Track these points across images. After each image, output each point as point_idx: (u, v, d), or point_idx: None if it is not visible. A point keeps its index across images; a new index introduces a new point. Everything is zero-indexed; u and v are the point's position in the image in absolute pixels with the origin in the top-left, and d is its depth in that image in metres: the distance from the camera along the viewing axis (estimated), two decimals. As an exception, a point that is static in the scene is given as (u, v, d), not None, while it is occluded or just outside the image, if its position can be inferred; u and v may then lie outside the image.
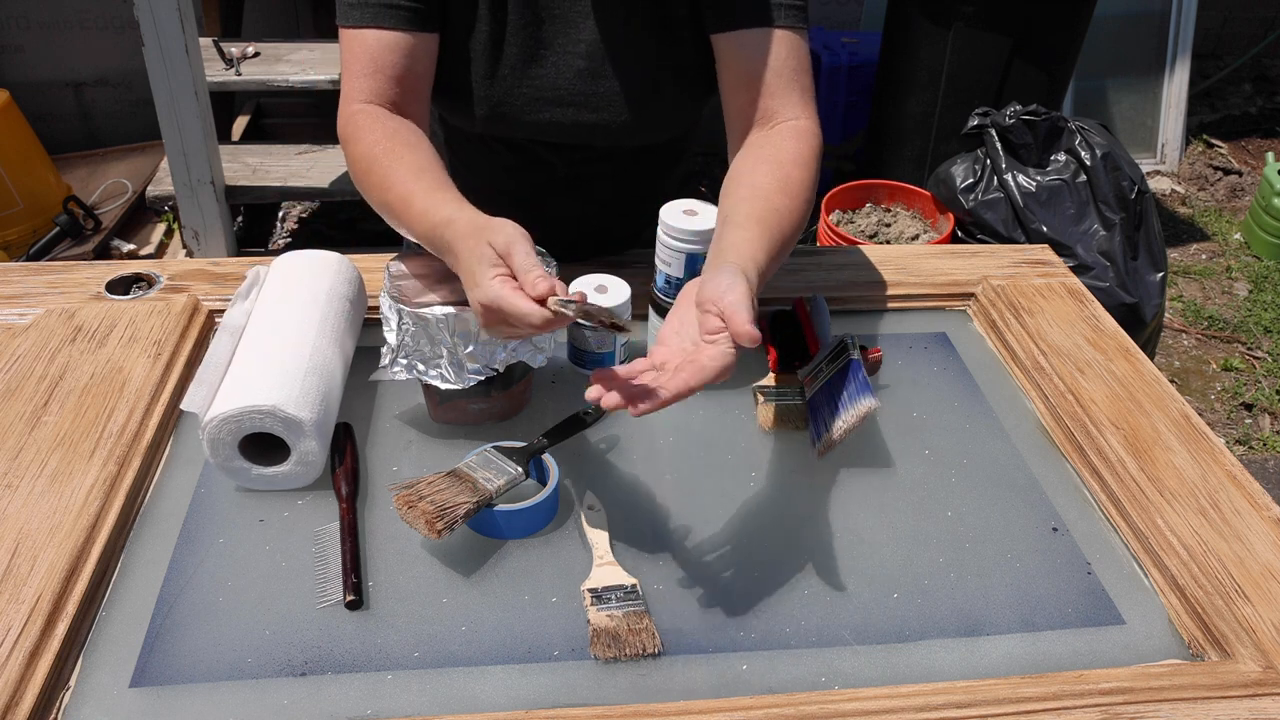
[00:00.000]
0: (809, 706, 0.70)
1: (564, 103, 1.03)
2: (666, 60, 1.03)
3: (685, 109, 1.09)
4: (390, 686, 0.72)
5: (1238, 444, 2.40)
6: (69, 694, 0.71)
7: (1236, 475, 0.90)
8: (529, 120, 1.04)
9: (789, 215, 0.89)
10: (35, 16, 3.03)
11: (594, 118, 1.04)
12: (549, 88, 1.03)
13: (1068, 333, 1.09)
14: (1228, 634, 0.76)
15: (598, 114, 1.04)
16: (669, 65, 1.03)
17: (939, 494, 0.91)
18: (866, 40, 3.14)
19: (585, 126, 1.05)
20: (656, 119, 1.07)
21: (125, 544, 0.82)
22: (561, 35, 1.01)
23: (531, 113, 1.04)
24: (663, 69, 1.03)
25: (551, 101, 1.03)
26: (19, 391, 0.94)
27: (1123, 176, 2.16)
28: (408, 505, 0.79)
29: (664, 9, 1.00)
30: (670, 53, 1.02)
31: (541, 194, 1.14)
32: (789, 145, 0.95)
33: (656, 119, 1.07)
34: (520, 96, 1.03)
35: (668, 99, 1.06)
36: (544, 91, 1.03)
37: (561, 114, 1.04)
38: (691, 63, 1.04)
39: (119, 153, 3.07)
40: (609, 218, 1.18)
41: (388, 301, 0.88)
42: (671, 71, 1.04)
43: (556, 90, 1.03)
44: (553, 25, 1.00)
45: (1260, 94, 3.97)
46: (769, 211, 0.87)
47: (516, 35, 1.00)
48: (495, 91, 1.03)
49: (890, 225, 2.50)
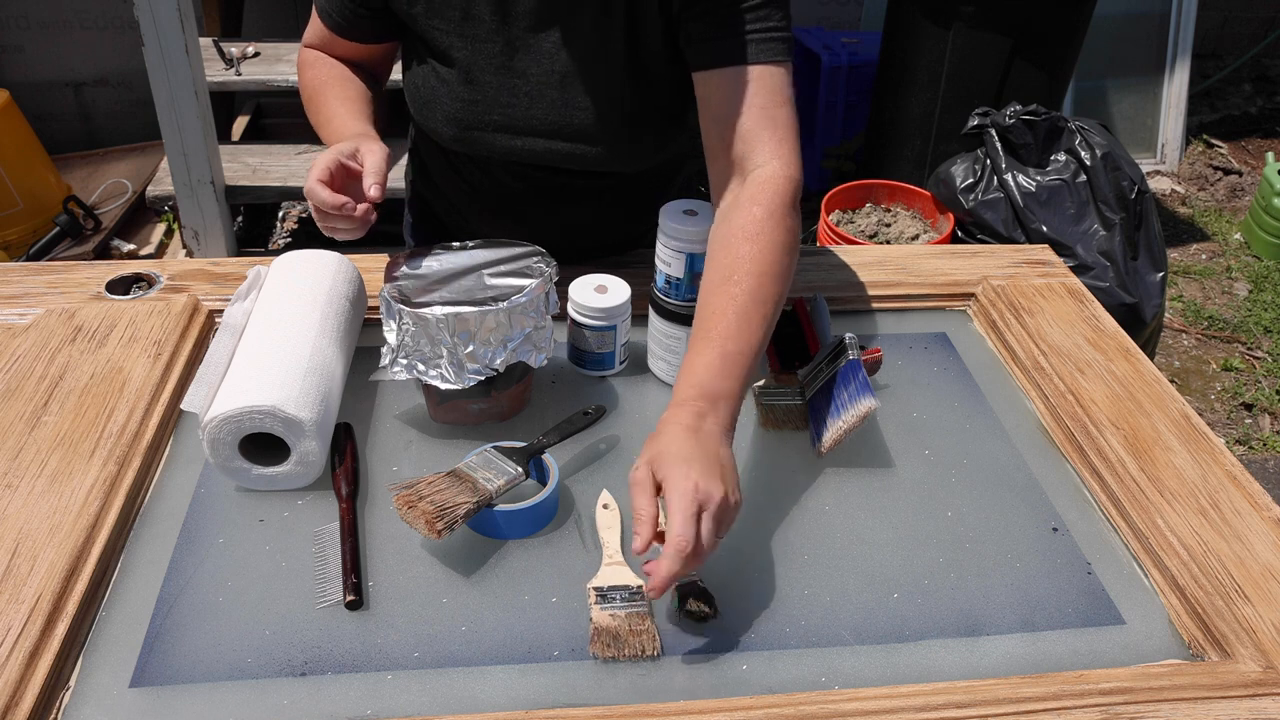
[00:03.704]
0: (809, 706, 0.70)
1: (536, 132, 1.03)
2: (641, 93, 1.01)
3: (662, 140, 1.07)
4: (390, 686, 0.72)
5: (1238, 444, 2.40)
6: (69, 694, 0.71)
7: (1236, 475, 0.90)
8: (501, 145, 1.05)
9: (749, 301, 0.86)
10: (35, 16, 3.03)
11: (567, 147, 1.04)
12: (521, 117, 1.02)
13: (1068, 333, 1.09)
14: (1228, 634, 0.76)
15: (571, 144, 1.03)
16: (643, 98, 1.02)
17: (939, 494, 0.91)
18: (866, 40, 3.14)
19: (558, 154, 1.04)
20: (632, 150, 1.05)
21: (125, 544, 0.82)
22: (535, 66, 1.00)
23: (503, 139, 1.04)
24: (637, 101, 1.02)
25: (524, 130, 1.03)
26: (19, 391, 0.94)
27: (1123, 176, 2.16)
28: (408, 505, 0.79)
29: (638, 43, 0.99)
30: (645, 85, 1.01)
31: (523, 204, 1.13)
32: (742, 216, 0.90)
33: (632, 150, 1.05)
34: (491, 124, 1.03)
35: (643, 131, 1.04)
36: (515, 121, 1.03)
37: (533, 143, 1.04)
38: (667, 95, 1.03)
39: (119, 153, 3.07)
40: (596, 229, 1.18)
41: (388, 301, 0.88)
42: (645, 104, 1.02)
43: (530, 120, 1.02)
44: (526, 55, 1.00)
45: (1260, 94, 3.97)
46: (723, 319, 0.85)
47: (490, 62, 1.00)
48: (467, 116, 1.03)
49: (890, 225, 2.50)
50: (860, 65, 3.10)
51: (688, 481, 0.73)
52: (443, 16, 0.99)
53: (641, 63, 1.00)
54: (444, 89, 1.03)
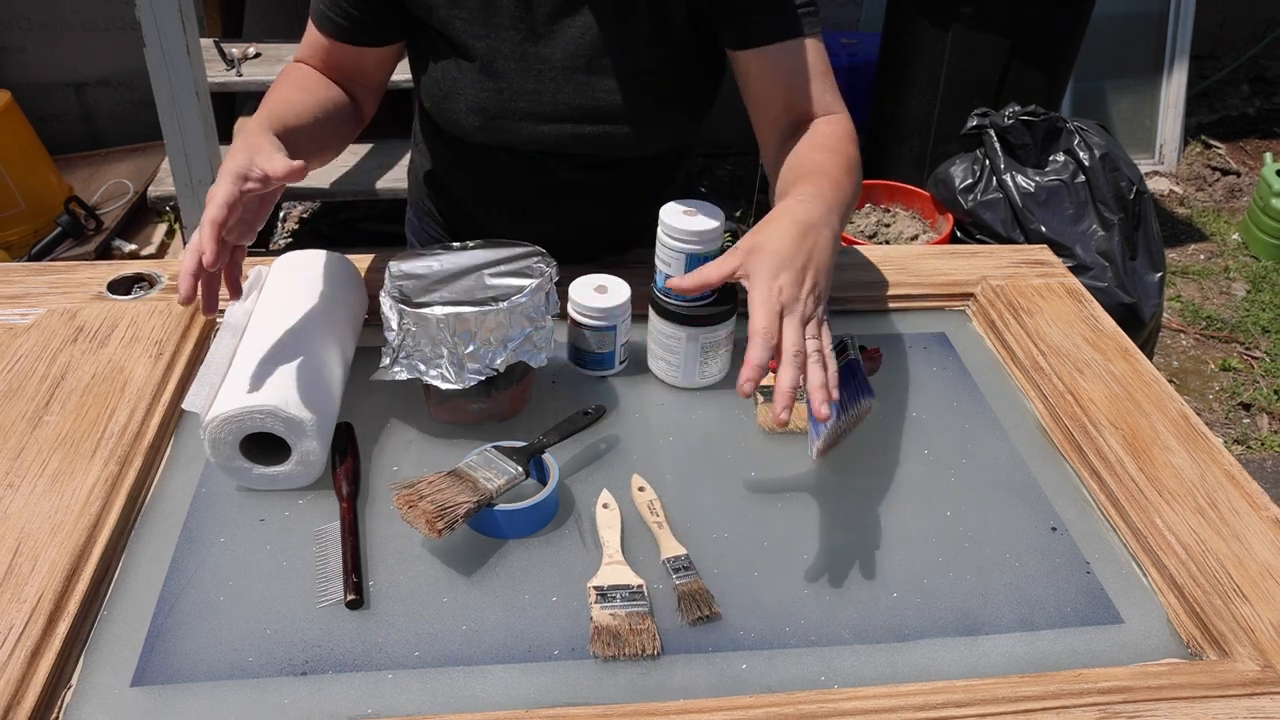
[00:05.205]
0: (809, 706, 0.70)
1: (563, 117, 1.03)
2: (666, 73, 1.03)
3: (688, 118, 1.09)
4: (391, 686, 0.72)
5: (1236, 444, 2.40)
6: (70, 693, 0.71)
7: (1235, 475, 0.91)
8: (526, 133, 1.05)
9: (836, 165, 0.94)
10: (37, 17, 3.03)
11: (595, 130, 1.04)
12: (547, 103, 1.03)
13: (1067, 333, 1.09)
14: (1226, 633, 0.76)
15: (599, 126, 1.04)
16: (669, 77, 1.03)
17: (939, 494, 0.91)
18: (866, 41, 3.14)
19: (586, 138, 1.05)
20: (658, 130, 1.07)
21: (126, 543, 0.82)
22: (559, 51, 1.00)
23: (529, 127, 1.04)
24: (663, 82, 1.03)
25: (550, 117, 1.03)
26: (20, 391, 0.94)
27: (1121, 177, 2.16)
28: (408, 505, 0.79)
29: (664, 20, 1.00)
30: (671, 62, 1.02)
31: (542, 197, 1.14)
32: (825, 129, 0.99)
33: (658, 130, 1.07)
34: (517, 111, 1.03)
35: (669, 110, 1.05)
36: (541, 107, 1.03)
37: (560, 129, 1.04)
38: (693, 74, 1.04)
39: (120, 153, 3.07)
40: (613, 220, 1.18)
41: (388, 301, 0.89)
42: (671, 84, 1.04)
43: (556, 106, 1.02)
44: (550, 41, 1.00)
45: (1258, 95, 3.98)
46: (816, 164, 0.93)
47: (514, 50, 1.00)
48: (491, 105, 1.03)
49: (889, 225, 2.51)
50: (859, 66, 3.10)
51: (775, 282, 0.77)
52: (463, 6, 0.99)
53: (668, 40, 1.01)
54: (466, 80, 1.02)
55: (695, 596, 0.78)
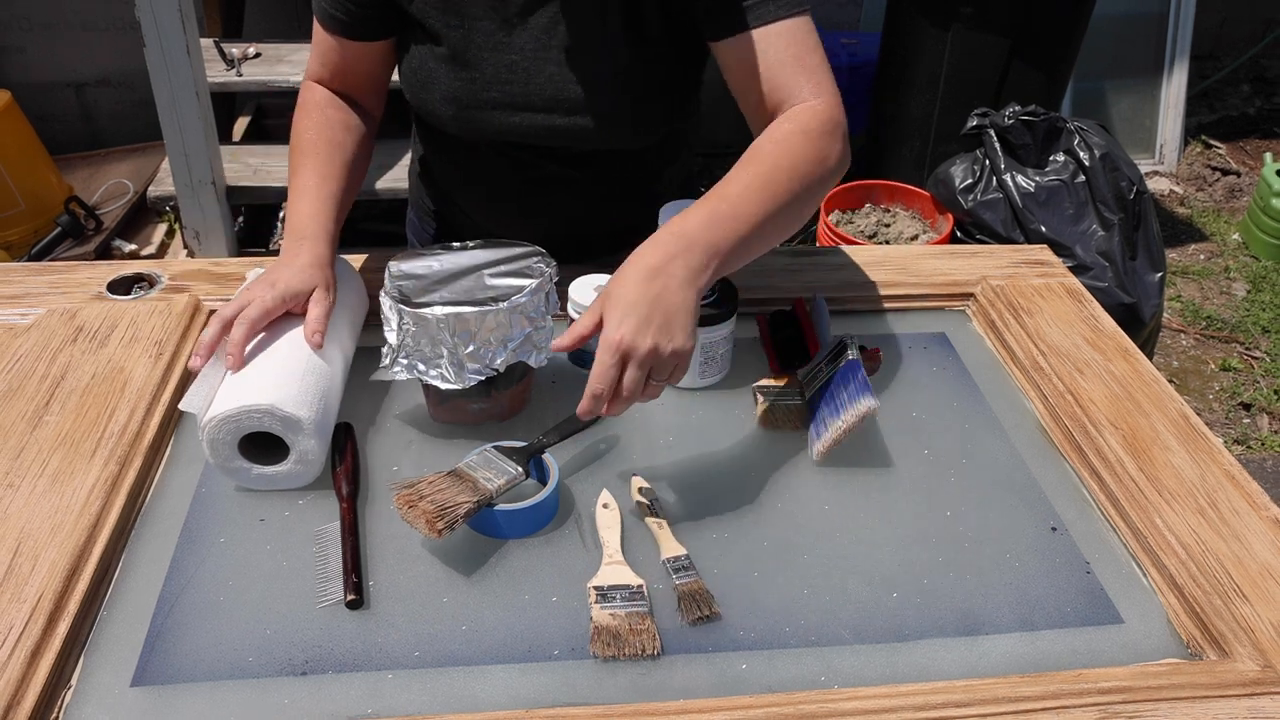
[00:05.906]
0: (809, 705, 0.70)
1: (534, 107, 1.03)
2: (639, 67, 1.02)
3: (664, 113, 1.08)
4: (391, 686, 0.72)
5: (1236, 444, 2.40)
6: (70, 693, 0.71)
7: (1235, 475, 0.91)
8: (499, 123, 1.05)
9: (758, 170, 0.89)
10: (37, 17, 3.03)
11: (566, 121, 1.04)
12: (519, 93, 1.03)
13: (1067, 333, 1.09)
14: (1226, 633, 0.76)
15: (569, 118, 1.03)
16: (641, 72, 1.02)
17: (938, 494, 0.91)
18: (866, 41, 3.14)
19: (559, 130, 1.04)
20: (633, 124, 1.06)
21: (126, 543, 0.82)
22: (531, 41, 1.00)
23: (501, 117, 1.04)
24: (636, 75, 1.02)
25: (522, 106, 1.03)
26: (20, 391, 0.94)
27: (1121, 177, 2.16)
28: (408, 505, 0.79)
29: (636, 13, 0.99)
30: (643, 56, 1.02)
31: (527, 190, 1.14)
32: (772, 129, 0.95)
33: (633, 124, 1.06)
34: (489, 101, 1.03)
35: (644, 104, 1.05)
36: (513, 97, 1.03)
37: (531, 118, 1.04)
38: (669, 69, 1.03)
39: (120, 153, 3.07)
40: (603, 215, 1.18)
41: (388, 301, 0.89)
42: (644, 78, 1.03)
43: (528, 96, 1.02)
44: (522, 31, 1.00)
45: (1258, 95, 3.97)
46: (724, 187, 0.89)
47: (487, 39, 1.00)
48: (464, 94, 1.03)
49: (890, 225, 2.51)
50: (859, 66, 3.10)
51: (617, 333, 0.78)
52: None
53: (640, 33, 1.00)
54: (441, 69, 1.03)
55: (695, 596, 0.78)
